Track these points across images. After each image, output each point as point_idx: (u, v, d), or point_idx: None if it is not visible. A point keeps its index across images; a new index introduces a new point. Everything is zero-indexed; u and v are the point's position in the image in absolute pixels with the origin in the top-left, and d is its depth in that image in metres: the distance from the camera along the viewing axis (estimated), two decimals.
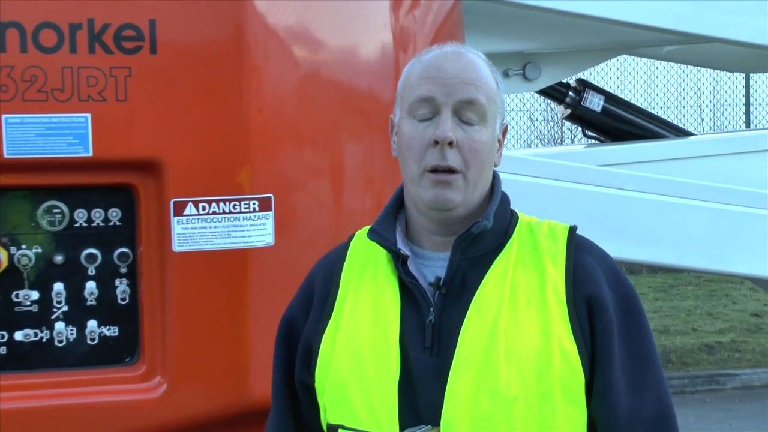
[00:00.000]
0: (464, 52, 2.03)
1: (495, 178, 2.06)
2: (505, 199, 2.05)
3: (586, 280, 1.97)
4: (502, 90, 2.05)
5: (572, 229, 2.05)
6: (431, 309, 1.96)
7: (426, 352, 1.95)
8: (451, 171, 1.93)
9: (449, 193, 1.94)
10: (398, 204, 2.09)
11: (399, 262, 2.00)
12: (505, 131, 2.08)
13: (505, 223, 2.04)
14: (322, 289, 2.11)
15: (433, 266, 2.01)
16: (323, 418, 2.05)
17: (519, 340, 1.92)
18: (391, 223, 2.05)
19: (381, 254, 2.04)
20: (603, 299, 1.96)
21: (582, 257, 2.00)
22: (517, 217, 2.07)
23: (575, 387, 1.92)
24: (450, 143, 1.92)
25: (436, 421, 1.90)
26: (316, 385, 2.05)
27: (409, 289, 1.99)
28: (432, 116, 1.96)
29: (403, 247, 2.00)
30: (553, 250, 2.01)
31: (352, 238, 2.15)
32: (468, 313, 1.93)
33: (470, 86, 1.97)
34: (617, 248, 3.50)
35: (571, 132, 10.45)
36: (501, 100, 2.04)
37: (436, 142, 1.92)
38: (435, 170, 1.93)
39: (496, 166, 2.04)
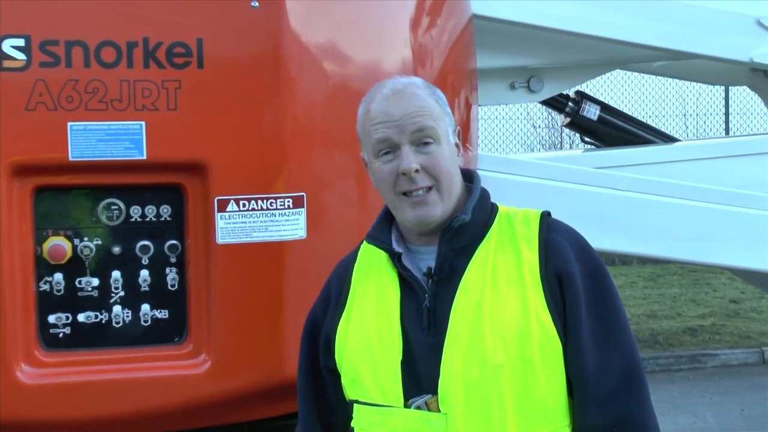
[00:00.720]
0: (402, 89, 2.06)
1: (474, 178, 2.12)
2: (484, 195, 2.10)
3: (556, 257, 2.00)
4: (444, 104, 2.08)
5: (544, 214, 2.09)
6: (426, 295, 2.01)
7: (424, 332, 1.99)
8: (423, 189, 1.98)
9: (428, 209, 2.00)
10: (391, 213, 2.13)
11: (395, 258, 2.05)
12: (459, 134, 2.12)
13: (485, 215, 2.07)
14: (337, 289, 2.16)
15: (425, 258, 2.05)
16: (345, 395, 2.10)
17: (501, 316, 1.95)
18: (386, 227, 2.11)
19: (381, 255, 2.09)
20: (570, 272, 1.99)
21: (552, 237, 2.03)
22: (497, 209, 2.10)
23: (552, 352, 1.96)
24: (416, 171, 1.96)
25: (435, 391, 1.94)
26: (338, 367, 2.10)
27: (406, 280, 2.04)
28: (393, 150, 2.00)
29: (397, 246, 2.06)
30: (527, 234, 2.04)
31: (360, 244, 2.18)
32: (456, 295, 1.98)
33: (417, 118, 2.00)
34: (611, 242, 3.51)
35: (570, 138, 10.44)
36: (446, 113, 2.07)
37: (404, 173, 1.97)
38: (407, 193, 1.99)
39: (460, 165, 2.09)
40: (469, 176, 2.12)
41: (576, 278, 1.99)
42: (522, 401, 1.96)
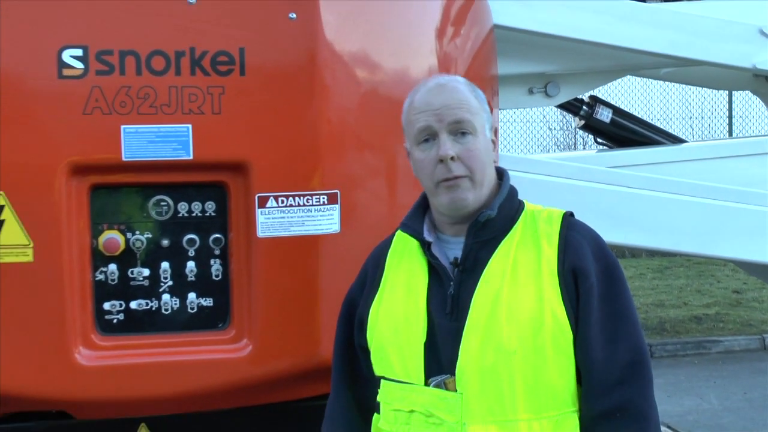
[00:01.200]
0: (444, 83, 2.11)
1: (504, 176, 2.14)
2: (512, 193, 2.12)
3: (573, 254, 2.01)
4: (483, 102, 2.11)
5: (566, 214, 2.10)
6: (451, 283, 2.03)
7: (447, 317, 2.02)
8: (458, 177, 2.01)
9: (460, 193, 2.02)
10: (425, 202, 2.15)
11: (426, 247, 2.07)
12: (495, 132, 2.16)
13: (512, 211, 2.08)
14: (373, 273, 2.19)
15: (453, 248, 2.07)
16: (374, 372, 2.13)
17: (518, 306, 1.97)
18: (420, 217, 2.13)
19: (413, 243, 2.12)
20: (586, 269, 2.00)
21: (571, 235, 2.04)
22: (524, 206, 2.11)
23: (564, 342, 1.97)
24: (452, 158, 1.99)
25: (453, 372, 1.97)
26: (368, 346, 2.12)
27: (434, 267, 2.06)
28: (432, 140, 2.03)
29: (428, 235, 2.08)
30: (548, 231, 2.05)
31: (396, 231, 2.21)
32: (477, 285, 2.00)
33: (455, 109, 2.03)
34: (623, 236, 3.49)
35: (583, 139, 10.38)
36: (484, 110, 2.09)
37: (441, 160, 1.99)
38: (445, 180, 2.01)
39: (495, 162, 2.11)
40: (500, 174, 2.13)
41: (591, 275, 2.00)
42: (532, 386, 1.97)
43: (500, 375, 1.95)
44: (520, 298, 1.98)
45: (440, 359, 1.99)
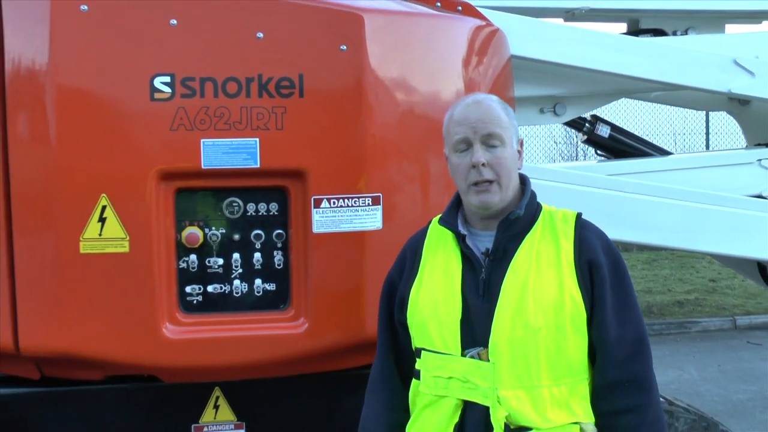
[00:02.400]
0: (480, 101, 2.12)
1: (526, 182, 2.14)
2: (533, 196, 2.13)
3: (588, 249, 2.02)
4: (512, 118, 2.11)
5: (578, 215, 2.12)
6: (483, 269, 2.04)
7: (479, 298, 2.02)
8: (487, 182, 2.01)
9: (489, 196, 2.04)
10: (459, 200, 2.16)
11: (460, 238, 2.08)
12: (521, 145, 2.14)
13: (533, 211, 2.09)
14: (411, 259, 2.19)
15: (483, 241, 2.08)
16: (413, 344, 2.13)
17: (542, 290, 1.98)
18: (454, 213, 2.14)
19: (448, 234, 2.12)
20: (599, 262, 2.00)
21: (585, 233, 2.05)
22: (541, 207, 2.12)
23: (580, 321, 1.98)
24: (483, 164, 2.01)
25: (486, 344, 1.97)
26: (408, 322, 2.12)
27: (467, 256, 2.07)
28: (468, 148, 2.05)
29: (462, 229, 2.09)
30: (565, 229, 2.06)
31: (429, 224, 2.21)
32: (507, 272, 2.00)
33: (488, 123, 2.05)
34: (618, 233, 3.45)
35: (584, 152, 10.31)
36: (513, 125, 2.10)
37: (474, 166, 2.01)
38: (476, 183, 2.02)
39: (519, 169, 2.11)
40: (523, 180, 2.14)
41: (603, 267, 2.01)
42: (554, 357, 1.97)
43: (527, 348, 1.95)
44: (544, 283, 1.98)
45: (474, 334, 2.00)
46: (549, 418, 1.94)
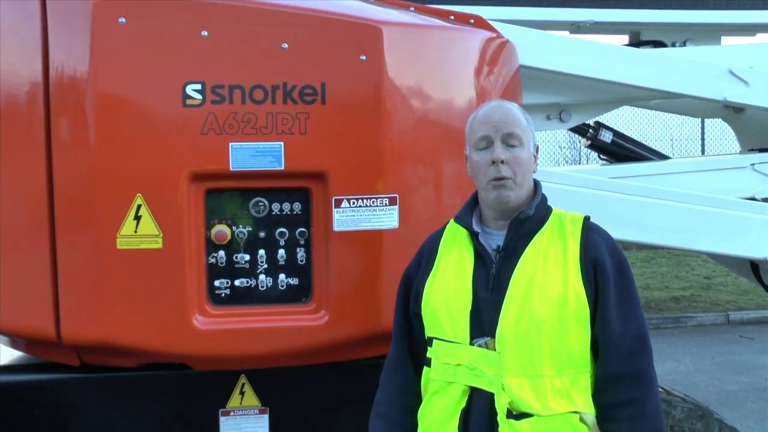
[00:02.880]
0: (502, 104, 2.14)
1: (537, 185, 2.14)
2: (544, 198, 2.13)
3: (593, 250, 2.01)
4: (530, 124, 2.11)
5: (586, 218, 2.11)
6: (494, 265, 2.03)
7: (489, 292, 2.01)
8: (504, 178, 2.01)
9: (505, 192, 2.03)
10: (475, 201, 2.15)
11: (474, 236, 2.08)
12: (536, 150, 2.14)
13: (543, 213, 2.08)
14: (428, 256, 2.19)
15: (495, 239, 2.08)
16: (425, 333, 2.13)
17: (547, 286, 1.97)
18: (470, 213, 2.13)
19: (463, 232, 2.12)
20: (603, 262, 1.99)
21: (591, 235, 2.04)
22: (551, 209, 2.12)
23: (583, 316, 1.97)
24: (502, 161, 2.01)
25: (493, 335, 1.97)
26: (422, 312, 2.13)
27: (479, 252, 2.07)
28: (488, 146, 2.05)
29: (476, 227, 2.09)
30: (573, 231, 2.05)
31: (447, 224, 2.21)
32: (515, 268, 2.00)
33: (509, 124, 2.06)
34: (620, 233, 3.42)
35: (586, 156, 10.27)
36: (530, 130, 2.10)
37: (494, 162, 2.02)
38: (495, 179, 2.02)
39: (534, 172, 2.11)
40: (535, 184, 2.13)
41: (607, 266, 2.00)
42: (556, 349, 1.97)
43: (531, 339, 1.95)
44: (550, 280, 1.98)
45: (482, 325, 1.99)
46: (550, 406, 1.94)
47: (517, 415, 1.93)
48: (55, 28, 2.46)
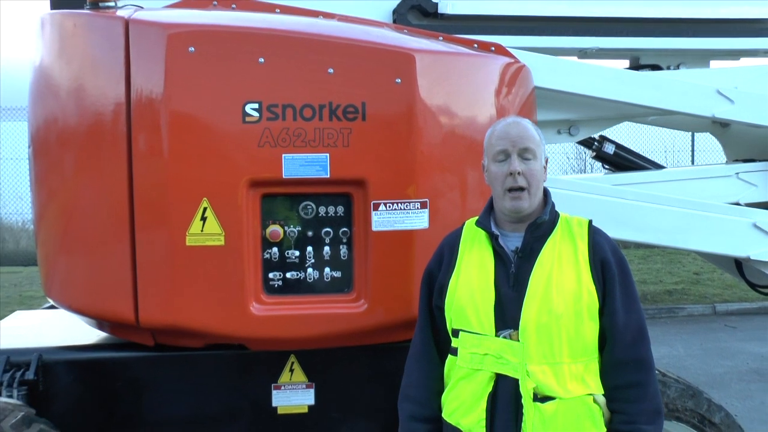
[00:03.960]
0: (519, 121, 2.09)
1: (547, 192, 2.11)
2: (553, 204, 2.10)
3: (600, 250, 1.98)
4: (542, 140, 2.08)
5: (590, 222, 2.08)
6: (512, 265, 2.00)
7: (510, 289, 1.98)
8: (520, 189, 1.99)
9: (520, 203, 2.01)
10: (491, 206, 2.12)
11: (493, 238, 2.05)
12: (546, 162, 2.11)
13: (554, 217, 2.05)
14: (449, 254, 2.15)
15: (512, 240, 2.04)
16: (449, 326, 2.09)
17: (563, 283, 1.94)
18: (488, 217, 2.10)
19: (482, 234, 2.09)
20: (609, 261, 1.97)
21: (596, 237, 2.02)
22: (559, 214, 2.09)
23: (594, 310, 1.94)
24: (519, 173, 1.98)
25: (516, 327, 1.94)
26: (446, 307, 2.09)
27: (499, 253, 2.04)
28: (506, 159, 2.02)
29: (494, 230, 2.05)
30: (580, 233, 2.02)
31: (463, 225, 2.19)
32: (534, 267, 1.97)
33: (525, 140, 2.03)
34: (620, 233, 3.40)
35: (591, 165, 10.15)
36: (542, 145, 2.07)
37: (511, 173, 1.99)
38: (511, 190, 1.99)
39: (544, 182, 2.08)
40: (545, 191, 2.10)
41: (612, 265, 1.98)
42: (573, 338, 1.94)
43: (551, 330, 1.93)
44: (565, 277, 1.95)
45: (505, 318, 1.97)
46: (569, 389, 1.92)
47: (541, 398, 1.92)
48: (136, 57, 2.49)
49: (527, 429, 1.91)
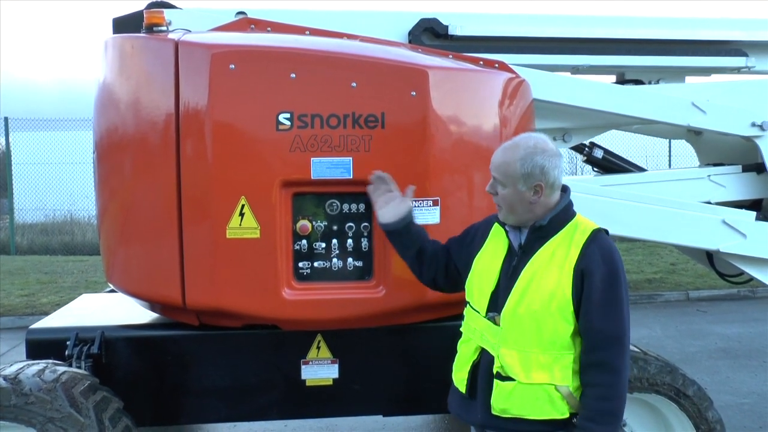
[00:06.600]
0: (508, 147, 1.98)
1: (561, 200, 1.99)
2: (566, 207, 1.98)
3: (586, 259, 1.87)
4: (527, 167, 1.91)
5: (596, 230, 1.94)
6: (515, 258, 1.97)
7: (508, 279, 1.96)
8: (499, 205, 2.00)
9: (500, 214, 2.02)
10: None
11: (507, 233, 2.04)
12: (539, 188, 1.93)
13: (561, 221, 1.95)
14: (482, 233, 2.14)
15: (521, 238, 2.01)
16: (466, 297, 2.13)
17: (544, 282, 1.88)
18: None
19: (501, 229, 2.08)
20: (592, 271, 1.85)
21: (590, 246, 1.89)
22: (573, 218, 1.97)
23: (567, 312, 1.86)
24: (492, 193, 2.01)
25: (500, 313, 1.95)
26: (466, 281, 2.12)
27: (510, 246, 2.01)
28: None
29: (507, 227, 2.05)
30: (579, 240, 1.92)
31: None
32: (527, 264, 1.93)
33: (495, 168, 1.99)
34: (607, 227, 3.34)
35: (581, 168, 10.06)
36: (524, 174, 1.92)
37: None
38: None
39: (532, 203, 1.94)
40: (562, 197, 2.00)
41: (595, 275, 1.85)
42: (543, 333, 1.88)
43: (524, 322, 1.89)
44: (548, 278, 1.90)
45: (497, 303, 1.97)
46: (531, 376, 1.89)
47: (504, 377, 1.92)
48: (184, 74, 2.48)
49: (494, 398, 1.94)
